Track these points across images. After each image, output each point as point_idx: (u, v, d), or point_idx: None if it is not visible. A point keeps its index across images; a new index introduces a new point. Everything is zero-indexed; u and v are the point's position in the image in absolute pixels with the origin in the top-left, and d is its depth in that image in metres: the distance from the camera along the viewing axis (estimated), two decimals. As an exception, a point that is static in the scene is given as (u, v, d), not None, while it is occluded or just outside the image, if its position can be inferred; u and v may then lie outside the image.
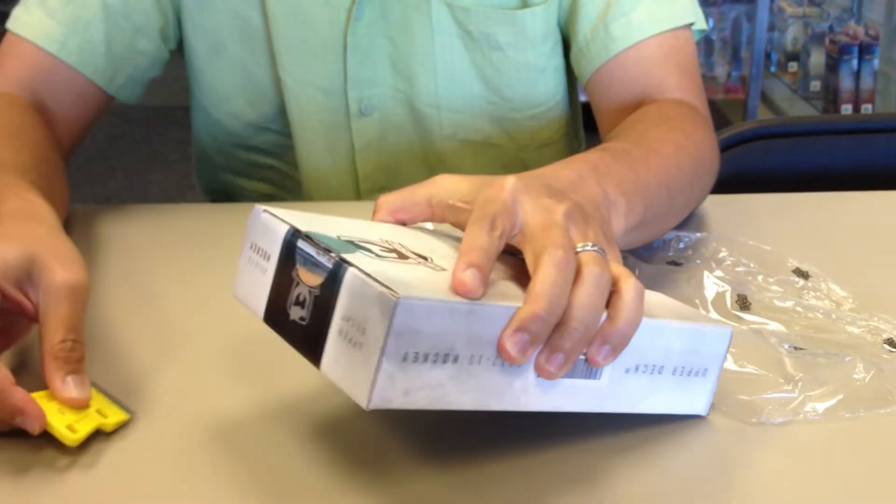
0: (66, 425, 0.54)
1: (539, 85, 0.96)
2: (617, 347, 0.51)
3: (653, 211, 0.68)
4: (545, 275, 0.48)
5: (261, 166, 1.03)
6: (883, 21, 3.12)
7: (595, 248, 0.51)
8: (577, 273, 0.50)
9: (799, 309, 0.70)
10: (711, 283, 0.72)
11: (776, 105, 3.40)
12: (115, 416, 0.57)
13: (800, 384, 0.61)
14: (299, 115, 0.95)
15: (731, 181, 0.84)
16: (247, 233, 0.53)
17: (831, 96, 3.17)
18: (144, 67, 0.93)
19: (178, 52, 0.98)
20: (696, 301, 0.70)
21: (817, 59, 3.26)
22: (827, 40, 3.21)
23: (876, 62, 3.11)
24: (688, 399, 0.57)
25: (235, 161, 1.04)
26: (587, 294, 0.49)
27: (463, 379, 0.47)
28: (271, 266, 0.51)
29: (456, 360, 0.46)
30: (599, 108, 0.90)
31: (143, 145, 3.58)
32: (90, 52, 0.88)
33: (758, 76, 3.16)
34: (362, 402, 0.45)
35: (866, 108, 3.12)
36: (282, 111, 0.96)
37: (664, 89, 0.86)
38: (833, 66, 3.15)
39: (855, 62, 3.11)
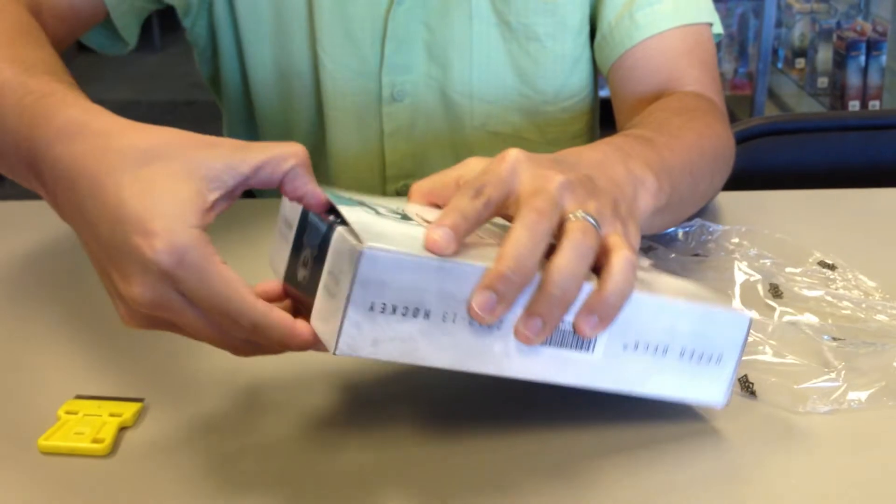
0: (91, 440, 0.55)
1: (573, 76, 0.97)
2: (604, 318, 0.51)
3: (678, 194, 0.68)
4: (514, 236, 0.49)
5: None
6: (890, 17, 3.11)
7: (586, 217, 0.51)
8: (561, 239, 0.50)
9: (829, 298, 0.71)
10: (742, 274, 0.73)
11: (783, 101, 3.40)
12: (129, 410, 0.58)
13: (843, 373, 0.61)
14: (333, 96, 0.96)
15: (738, 177, 0.85)
16: (280, 207, 0.57)
17: (839, 93, 3.17)
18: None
19: (182, 48, 0.98)
20: (729, 292, 0.71)
21: (825, 55, 3.25)
22: (834, 36, 3.20)
23: (883, 58, 3.10)
24: (701, 386, 0.56)
25: None
26: (565, 259, 0.49)
27: (436, 336, 0.48)
28: (292, 234, 0.54)
29: (427, 315, 0.48)
30: (619, 98, 0.90)
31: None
32: None
33: (765, 72, 3.15)
34: (330, 348, 0.47)
35: (874, 105, 3.11)
36: (315, 90, 0.97)
37: (685, 82, 0.86)
38: (840, 62, 3.15)
39: (862, 58, 3.10)
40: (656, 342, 0.53)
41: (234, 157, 0.50)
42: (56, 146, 0.53)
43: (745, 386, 0.61)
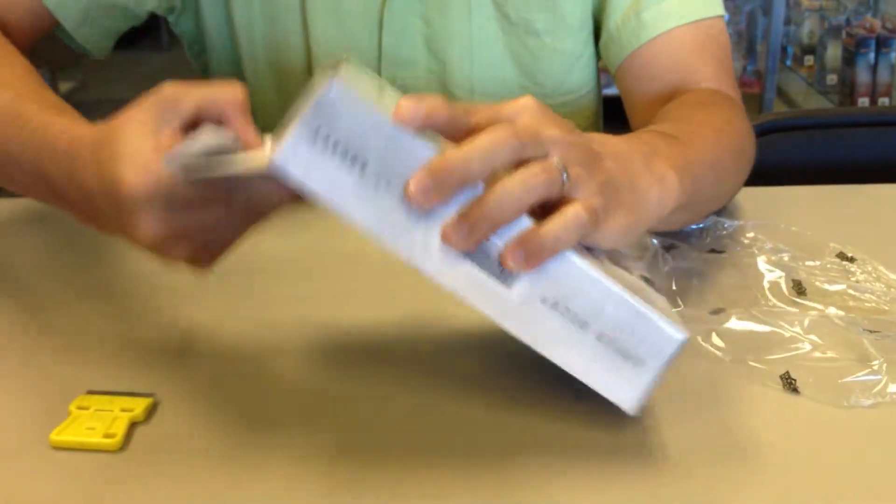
0: (102, 435, 0.56)
1: (573, 72, 0.96)
2: (531, 257, 0.51)
3: (700, 192, 0.67)
4: (476, 138, 0.50)
5: None
6: (900, 14, 3.10)
7: (558, 165, 0.51)
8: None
9: (851, 292, 0.71)
10: (765, 270, 0.73)
11: (792, 99, 3.39)
12: (140, 405, 0.58)
13: (884, 366, 0.62)
14: None
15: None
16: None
17: (848, 90, 3.16)
18: (121, 20, 0.92)
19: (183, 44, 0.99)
20: (753, 290, 0.70)
21: (834, 52, 3.24)
22: (843, 33, 3.19)
23: (893, 55, 3.09)
24: (613, 382, 0.54)
25: None
26: (513, 181, 0.50)
27: (365, 196, 0.49)
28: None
29: (364, 168, 0.49)
30: (632, 98, 0.89)
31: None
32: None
33: (774, 70, 3.15)
34: (269, 160, 0.49)
35: (883, 102, 3.10)
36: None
37: (700, 79, 0.86)
38: (850, 59, 3.14)
39: (872, 55, 3.09)
40: (577, 311, 0.53)
41: (176, 97, 0.55)
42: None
43: (788, 382, 0.61)
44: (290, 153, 0.48)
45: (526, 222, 0.51)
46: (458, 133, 0.52)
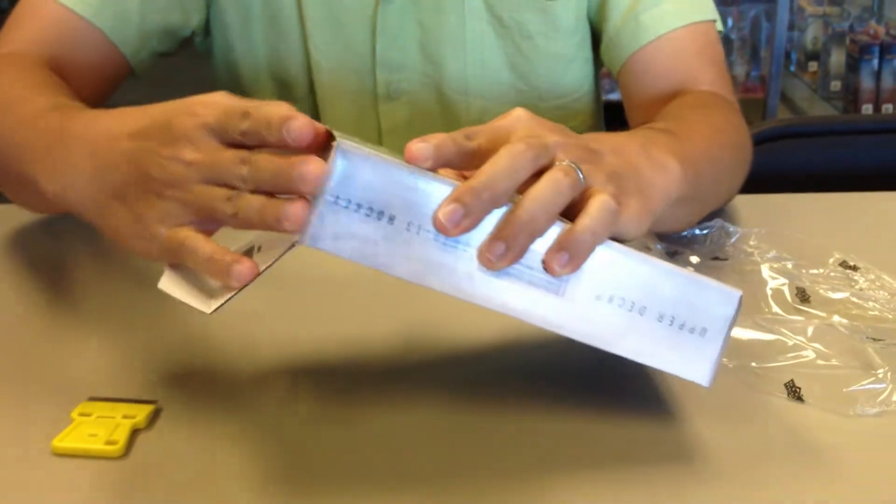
0: (104, 442, 0.56)
1: (567, 75, 0.97)
2: (574, 257, 0.51)
3: (702, 184, 0.67)
4: (494, 158, 0.50)
5: None
6: (904, 20, 3.10)
7: (571, 164, 0.52)
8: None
9: (854, 300, 0.71)
10: (769, 277, 0.73)
11: (796, 105, 3.38)
12: (142, 412, 0.58)
13: (889, 374, 0.61)
14: (331, 93, 0.96)
15: (750, 180, 0.84)
16: None
17: (852, 96, 3.16)
18: (167, 43, 0.94)
19: (190, 47, 0.99)
20: (757, 298, 0.70)
21: (837, 58, 3.24)
22: (847, 40, 3.19)
23: (897, 62, 3.09)
24: (683, 359, 0.54)
25: None
26: (538, 188, 0.50)
27: (398, 243, 0.50)
28: None
29: (392, 220, 0.49)
30: (633, 99, 0.90)
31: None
32: (124, 21, 0.88)
33: (777, 76, 3.14)
34: (302, 239, 0.49)
35: (887, 108, 3.10)
36: (311, 91, 0.97)
37: (699, 82, 0.87)
38: (853, 65, 3.13)
39: (876, 62, 3.09)
40: (633, 299, 0.53)
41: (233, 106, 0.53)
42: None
43: (792, 391, 0.61)
44: (317, 232, 0.49)
45: (558, 227, 0.51)
46: (465, 159, 0.52)
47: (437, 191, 0.50)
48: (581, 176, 0.52)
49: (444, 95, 0.96)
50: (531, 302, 0.52)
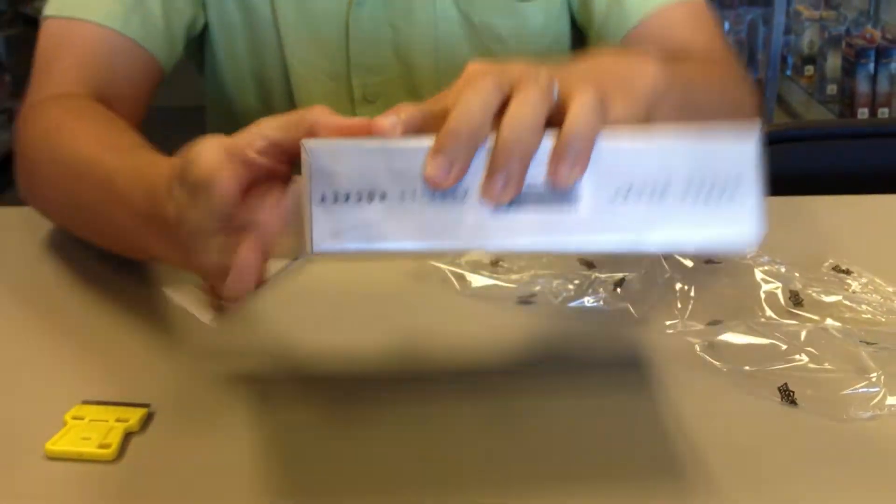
0: (97, 445, 0.56)
1: None
2: (577, 159, 0.47)
3: (690, 92, 0.64)
4: (461, 98, 0.48)
5: None
6: (900, 24, 3.10)
7: (541, 77, 0.49)
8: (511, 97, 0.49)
9: (847, 303, 0.70)
10: (762, 281, 0.73)
11: (792, 109, 3.39)
12: (135, 415, 0.58)
13: (882, 378, 0.61)
14: (308, 97, 0.96)
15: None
16: None
17: (848, 100, 3.16)
18: (187, 42, 0.94)
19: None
20: (750, 301, 0.70)
21: (834, 62, 3.25)
22: (843, 44, 3.20)
23: (893, 66, 3.09)
24: (723, 228, 0.49)
25: None
26: (514, 107, 0.48)
27: (399, 217, 0.48)
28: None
29: (384, 197, 0.48)
30: None
31: (161, 147, 3.59)
32: (152, 27, 0.88)
33: (774, 79, 3.15)
34: (307, 250, 0.48)
35: (883, 112, 3.11)
36: (290, 98, 0.97)
37: (694, 50, 0.85)
38: (850, 69, 3.14)
39: (872, 66, 3.09)
40: (651, 184, 0.49)
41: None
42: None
43: (786, 395, 0.61)
44: (317, 237, 0.48)
45: (550, 140, 0.48)
46: (434, 122, 0.50)
47: (416, 151, 0.48)
48: (554, 85, 0.49)
49: (419, 97, 0.96)
50: (548, 227, 0.49)
